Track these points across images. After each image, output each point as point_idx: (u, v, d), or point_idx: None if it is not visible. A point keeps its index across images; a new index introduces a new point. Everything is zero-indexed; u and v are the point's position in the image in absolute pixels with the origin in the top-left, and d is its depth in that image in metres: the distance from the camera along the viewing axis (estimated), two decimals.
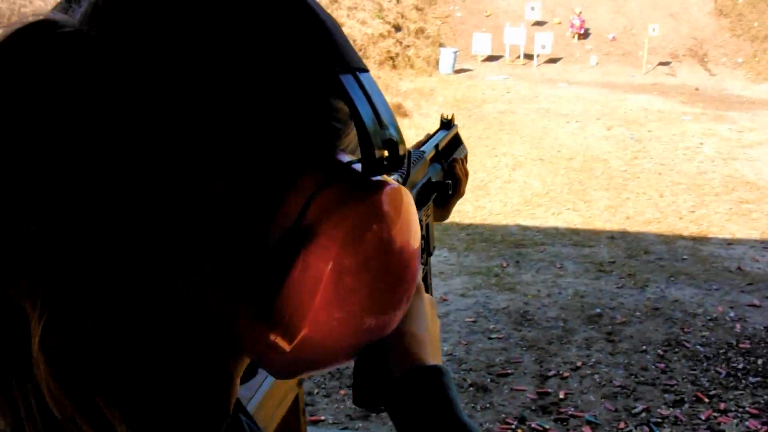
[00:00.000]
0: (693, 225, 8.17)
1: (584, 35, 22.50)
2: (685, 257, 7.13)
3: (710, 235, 7.82)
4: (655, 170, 10.56)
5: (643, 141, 12.39)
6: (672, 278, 6.56)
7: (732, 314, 5.73)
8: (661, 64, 21.17)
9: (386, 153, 0.53)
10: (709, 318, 5.66)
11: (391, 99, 14.25)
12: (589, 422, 4.14)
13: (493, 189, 9.52)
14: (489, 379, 4.67)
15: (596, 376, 4.73)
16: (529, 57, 21.27)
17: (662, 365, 4.86)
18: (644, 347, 5.15)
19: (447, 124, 1.39)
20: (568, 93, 17.02)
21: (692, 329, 5.45)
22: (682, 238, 7.75)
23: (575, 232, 7.98)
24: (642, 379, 4.69)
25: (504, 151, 11.57)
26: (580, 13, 22.49)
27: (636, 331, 5.42)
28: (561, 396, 4.45)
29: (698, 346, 5.16)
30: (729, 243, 7.58)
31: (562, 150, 11.71)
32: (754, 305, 5.91)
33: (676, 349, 5.12)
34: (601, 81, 19.45)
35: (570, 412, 4.26)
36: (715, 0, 22.80)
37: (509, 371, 4.78)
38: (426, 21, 21.76)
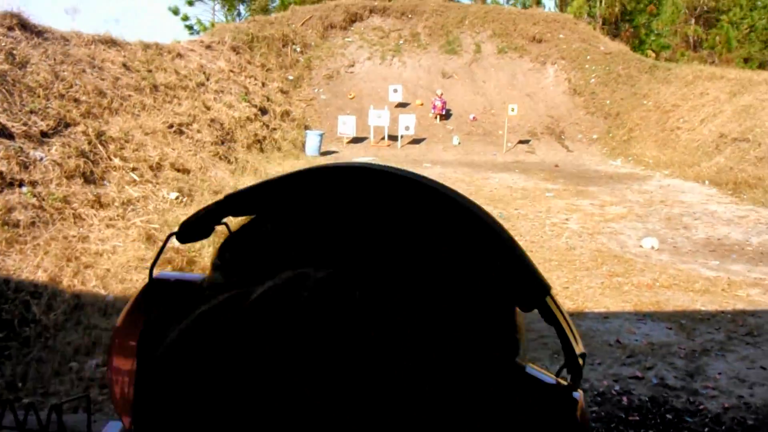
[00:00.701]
0: (569, 300, 8.47)
1: (446, 116, 23.33)
2: None
3: (586, 310, 8.13)
4: (527, 248, 10.90)
5: (511, 219, 12.83)
6: (555, 355, 6.76)
7: (617, 387, 5.95)
8: (521, 142, 22.17)
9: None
10: (596, 393, 5.85)
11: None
12: None
13: None
14: None
15: None
16: (393, 138, 21.82)
17: None
18: None
19: None
20: (433, 173, 17.47)
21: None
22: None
23: None
24: None
25: None
26: (441, 94, 23.36)
27: None
28: None
29: (594, 423, 5.32)
30: (605, 317, 7.90)
31: None
32: (636, 377, 6.16)
33: None
34: (464, 160, 20.14)
35: None
36: (569, 80, 24.18)
37: None
38: (291, 104, 22.07)
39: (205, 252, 8.22)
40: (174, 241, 1.25)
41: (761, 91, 18.92)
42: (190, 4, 39.47)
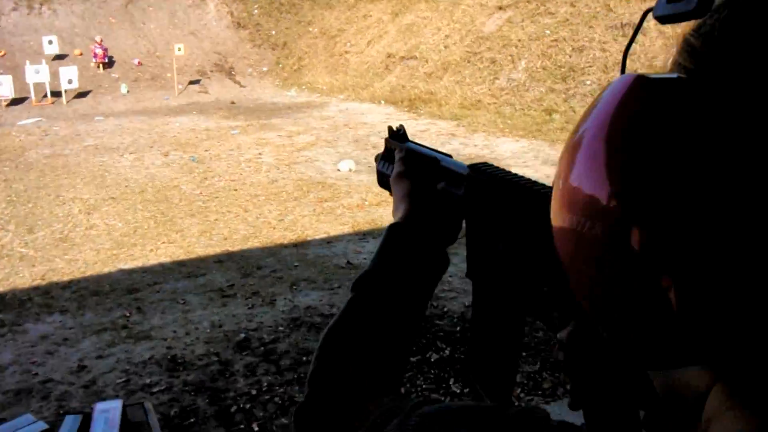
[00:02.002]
0: (288, 232, 8.49)
1: (109, 64, 22.07)
2: (296, 264, 7.38)
3: (308, 238, 8.20)
4: (230, 187, 10.75)
5: (204, 161, 12.54)
6: (295, 287, 6.76)
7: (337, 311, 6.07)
8: (192, 82, 21.63)
9: None
10: None
11: None
12: None
13: (78, 238, 8.91)
14: None
15: (277, 399, 4.71)
16: (56, 94, 20.26)
17: None
18: (305, 358, 5.25)
19: (402, 136, 1.42)
20: (109, 126, 16.57)
21: None
22: (284, 246, 8.01)
23: (182, 263, 7.81)
24: None
25: (71, 197, 10.88)
26: (101, 41, 22.01)
27: (290, 345, 5.50)
28: (256, 429, 4.35)
29: None
30: (328, 241, 8.03)
31: (129, 185, 11.36)
32: None
33: None
34: (137, 108, 19.28)
35: None
36: (232, 13, 23.84)
37: (191, 420, 4.54)
38: None
39: None
40: None
41: (422, 9, 20.01)
42: None
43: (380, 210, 9.02)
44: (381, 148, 1.49)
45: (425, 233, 1.19)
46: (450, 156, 1.31)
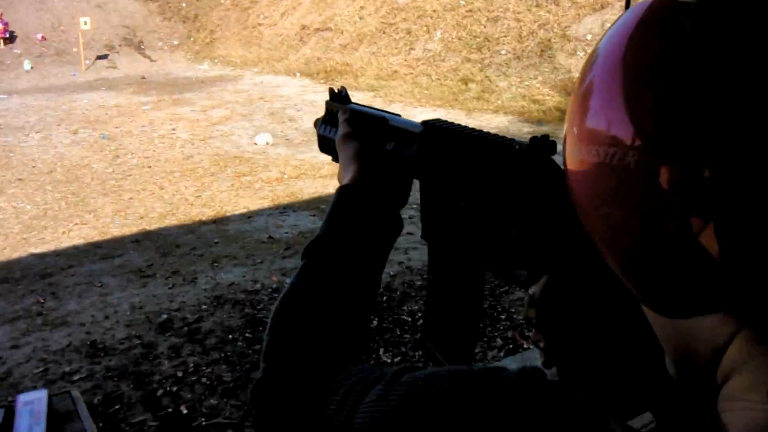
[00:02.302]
0: (206, 208, 8.30)
1: (10, 39, 21.17)
2: (216, 241, 7.22)
3: (228, 214, 8.04)
4: (144, 165, 10.46)
5: (116, 138, 12.17)
6: (216, 264, 6.62)
7: (288, 280, 5.96)
8: (100, 57, 20.96)
9: None
10: (271, 290, 5.85)
11: None
12: (228, 425, 4.02)
13: None
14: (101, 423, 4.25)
15: (204, 380, 4.59)
16: None
17: (258, 347, 4.90)
18: (231, 336, 5.15)
19: (345, 97, 1.38)
20: (13, 104, 15.89)
21: (263, 305, 5.59)
22: (203, 223, 7.83)
23: (97, 245, 7.55)
24: (248, 365, 4.70)
25: None
26: (1, 14, 21.08)
27: (214, 324, 5.37)
28: (184, 412, 4.23)
29: None
30: (248, 216, 7.88)
31: (37, 165, 10.93)
32: None
33: (261, 327, 5.20)
34: (42, 85, 18.57)
35: (204, 424, 4.08)
36: None
37: (116, 407, 4.39)
38: None
39: None
40: None
41: None
42: None
43: (299, 183, 8.90)
44: (298, 121, 1.42)
45: (378, 194, 1.15)
46: (398, 115, 1.27)
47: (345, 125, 1.29)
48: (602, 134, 0.53)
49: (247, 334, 5.15)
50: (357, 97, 14.54)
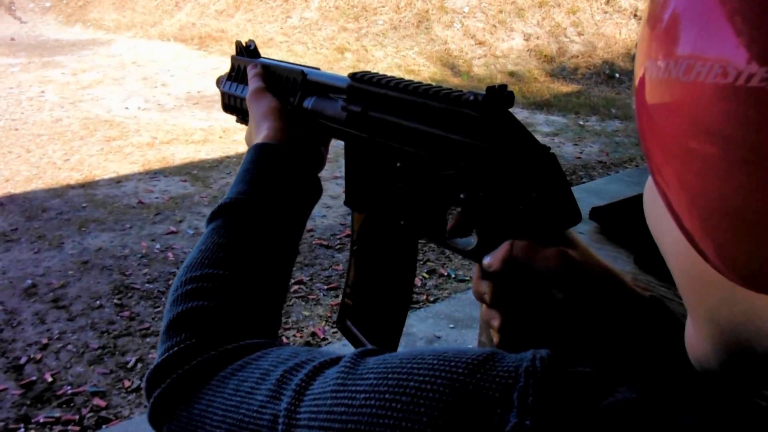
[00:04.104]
0: (75, 173, 8.12)
1: None
2: (84, 205, 7.10)
3: (97, 178, 7.89)
4: (10, 127, 10.09)
5: None
6: (83, 228, 6.52)
7: (158, 246, 5.98)
8: None
9: None
10: (140, 256, 5.83)
11: None
12: (94, 393, 4.03)
13: None
14: None
15: (70, 347, 4.57)
16: None
17: (126, 313, 4.91)
18: (98, 302, 5.11)
19: (254, 51, 1.31)
20: None
21: (132, 271, 5.57)
22: (71, 187, 7.67)
23: None
24: (116, 332, 4.69)
25: None
26: None
27: (81, 290, 5.33)
28: (49, 380, 4.21)
29: (147, 285, 5.32)
30: (117, 181, 7.76)
31: None
32: (172, 232, 6.25)
33: (130, 294, 5.20)
34: None
35: (69, 392, 4.07)
36: None
37: None
38: None
39: None
40: None
41: None
42: None
43: (171, 148, 8.81)
44: (170, 86, 1.37)
45: (297, 154, 1.06)
46: (317, 69, 1.18)
47: (257, 80, 1.19)
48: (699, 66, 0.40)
49: (115, 301, 5.13)
50: None
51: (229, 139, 9.17)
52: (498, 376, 0.51)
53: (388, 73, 1.09)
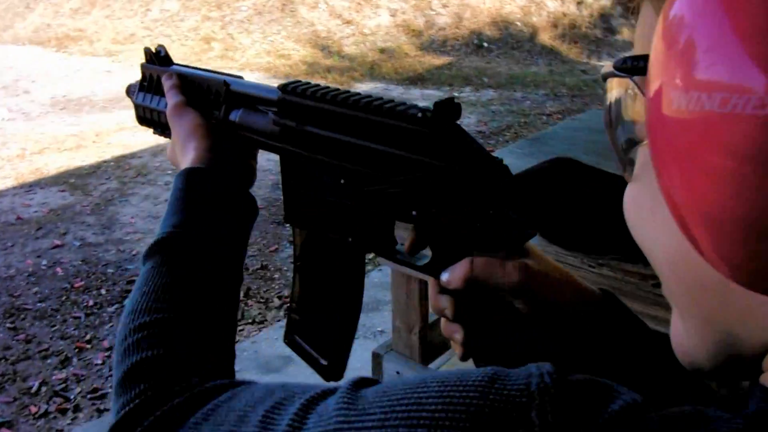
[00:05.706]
0: None
1: None
2: None
3: None
4: None
5: None
6: None
7: (44, 262, 5.73)
8: None
9: None
10: (28, 274, 5.56)
11: None
12: (1, 424, 3.84)
13: None
14: None
15: None
16: None
17: (21, 336, 4.68)
18: None
19: (165, 58, 1.21)
20: None
21: (21, 291, 5.31)
22: None
23: None
24: (13, 357, 4.47)
25: None
26: None
27: None
28: None
29: (39, 304, 5.09)
30: None
31: None
32: (58, 246, 6.00)
33: (22, 315, 4.96)
34: None
35: None
36: None
37: None
38: None
39: None
40: None
41: None
42: None
43: (43, 158, 8.42)
44: (33, 93, 1.22)
45: (228, 175, 1.02)
46: (241, 77, 1.12)
47: (175, 93, 1.12)
48: (725, 83, 0.39)
49: (7, 325, 4.86)
50: (94, 63, 13.93)
51: (103, 142, 8.85)
52: (510, 395, 0.49)
53: (254, 61, 1.03)
